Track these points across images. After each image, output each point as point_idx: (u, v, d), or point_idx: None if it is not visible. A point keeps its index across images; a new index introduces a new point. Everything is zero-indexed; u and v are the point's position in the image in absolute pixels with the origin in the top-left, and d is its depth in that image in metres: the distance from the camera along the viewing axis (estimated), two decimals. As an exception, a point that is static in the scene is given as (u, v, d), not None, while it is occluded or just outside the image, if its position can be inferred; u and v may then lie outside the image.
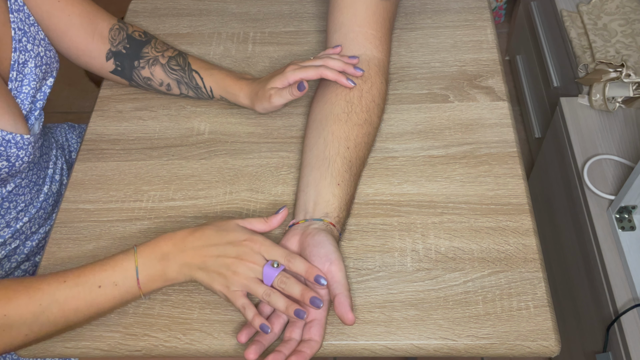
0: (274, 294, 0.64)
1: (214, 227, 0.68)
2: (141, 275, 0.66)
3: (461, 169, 0.79)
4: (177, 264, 0.66)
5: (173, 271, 0.67)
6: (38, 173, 0.86)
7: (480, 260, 0.71)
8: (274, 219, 0.71)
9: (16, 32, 0.76)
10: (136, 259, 0.66)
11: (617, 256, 0.97)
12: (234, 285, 0.65)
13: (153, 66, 0.86)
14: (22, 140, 0.74)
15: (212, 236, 0.67)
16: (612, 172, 1.06)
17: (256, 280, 0.65)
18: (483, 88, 0.87)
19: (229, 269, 0.65)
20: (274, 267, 0.65)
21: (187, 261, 0.66)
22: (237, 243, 0.66)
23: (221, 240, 0.67)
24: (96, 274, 0.65)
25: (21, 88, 0.77)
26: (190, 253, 0.66)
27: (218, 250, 0.66)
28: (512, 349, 0.65)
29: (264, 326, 0.64)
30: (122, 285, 0.66)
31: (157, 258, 0.67)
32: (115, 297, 0.66)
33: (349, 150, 0.75)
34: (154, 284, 0.67)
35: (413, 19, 0.97)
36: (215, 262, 0.66)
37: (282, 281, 0.65)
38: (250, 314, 0.65)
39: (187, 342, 0.68)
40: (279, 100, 0.79)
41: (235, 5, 1.02)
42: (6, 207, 0.81)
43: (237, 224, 0.69)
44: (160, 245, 0.67)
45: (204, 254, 0.66)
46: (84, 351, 0.68)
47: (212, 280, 0.66)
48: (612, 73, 1.11)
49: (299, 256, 0.66)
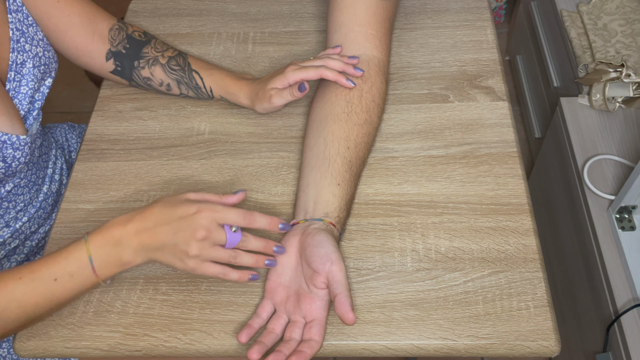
0: (239, 254, 0.66)
1: (162, 204, 0.66)
2: (96, 264, 0.65)
3: (461, 169, 0.79)
4: (131, 247, 0.65)
5: (128, 255, 0.65)
6: (37, 173, 0.86)
7: (480, 260, 0.71)
8: (230, 197, 0.68)
9: (14, 33, 0.76)
10: (88, 248, 0.65)
11: (617, 256, 0.97)
12: (197, 259, 0.65)
13: (153, 66, 0.86)
14: (18, 141, 0.74)
15: (162, 213, 0.65)
16: (612, 172, 1.06)
17: (217, 247, 0.65)
18: (483, 88, 0.87)
19: (188, 245, 0.64)
20: (234, 232, 0.65)
21: (142, 243, 0.65)
22: (188, 217, 0.64)
23: (172, 216, 0.65)
24: (50, 267, 0.64)
25: (19, 88, 0.77)
26: (144, 235, 0.65)
27: (171, 228, 0.64)
28: (512, 349, 0.65)
29: (253, 276, 0.67)
30: (79, 276, 0.65)
31: (110, 244, 0.65)
32: (73, 287, 0.65)
33: (349, 150, 0.75)
34: (111, 270, 0.66)
35: (413, 19, 0.97)
36: (171, 240, 0.64)
37: (243, 241, 0.66)
38: (234, 275, 0.66)
39: (187, 342, 0.68)
40: (280, 101, 0.79)
41: (235, 5, 1.02)
42: (5, 207, 0.81)
43: (187, 198, 0.67)
44: (111, 231, 0.65)
45: (157, 233, 0.65)
46: (84, 351, 0.68)
47: (172, 259, 0.65)
48: (612, 73, 1.11)
49: (255, 212, 0.66)
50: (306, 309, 0.65)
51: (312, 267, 0.65)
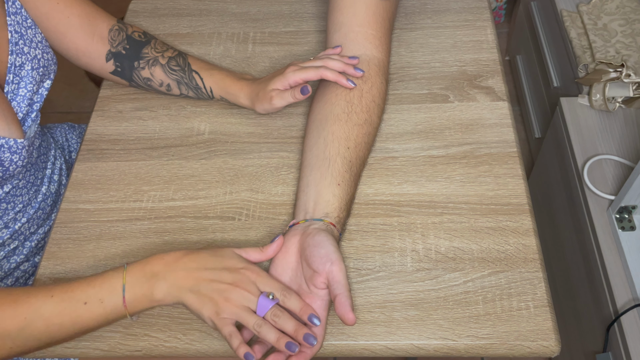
0: (265, 325, 0.63)
1: (209, 252, 0.67)
2: (127, 294, 0.64)
3: (461, 169, 0.79)
4: (166, 284, 0.65)
5: (161, 291, 0.65)
6: (35, 174, 0.86)
7: (480, 260, 0.71)
8: (270, 248, 0.69)
9: (12, 35, 0.76)
10: (124, 276, 0.65)
11: (617, 256, 0.97)
12: (224, 312, 0.64)
13: (153, 67, 0.86)
14: (15, 145, 0.73)
15: (207, 260, 0.66)
16: (612, 172, 1.06)
17: (248, 309, 0.64)
18: (483, 88, 0.87)
19: (222, 295, 0.64)
20: (269, 299, 0.64)
21: (177, 282, 0.65)
22: (233, 270, 0.65)
23: (217, 265, 0.65)
24: (84, 290, 0.64)
25: (18, 91, 0.77)
26: (182, 274, 0.65)
27: (213, 275, 0.65)
28: (512, 349, 0.65)
29: (248, 355, 0.62)
30: (108, 303, 0.64)
31: (146, 277, 0.65)
32: (100, 315, 0.64)
33: (349, 150, 0.75)
34: (140, 304, 0.65)
35: (413, 19, 0.97)
36: (208, 286, 0.64)
37: (276, 314, 0.63)
38: (236, 342, 0.63)
39: (187, 342, 0.68)
40: (280, 102, 0.79)
41: (235, 5, 1.02)
42: (4, 208, 0.81)
43: (233, 251, 0.68)
44: (151, 264, 0.65)
45: (197, 276, 0.65)
46: (84, 351, 0.68)
47: (202, 305, 0.64)
48: (612, 73, 1.11)
49: (294, 292, 0.65)
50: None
51: (312, 268, 0.65)
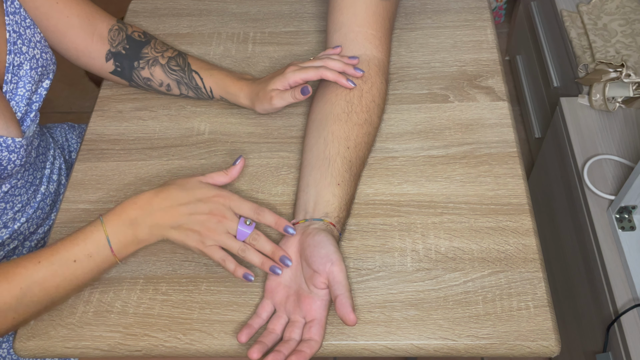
0: (248, 249, 0.68)
1: (178, 186, 0.69)
2: (114, 243, 0.67)
3: (461, 169, 0.79)
4: (147, 226, 0.68)
5: (144, 233, 0.68)
6: (34, 173, 0.86)
7: (480, 260, 0.71)
8: (233, 170, 0.73)
9: (11, 35, 0.76)
10: (105, 228, 0.67)
11: (617, 256, 0.97)
12: (209, 241, 0.68)
13: (153, 67, 0.86)
14: (13, 144, 0.73)
15: (178, 195, 0.68)
16: (612, 172, 1.06)
17: (229, 235, 0.68)
18: (483, 88, 0.87)
19: (203, 226, 0.67)
20: (246, 225, 0.68)
21: (157, 222, 0.68)
22: (206, 199, 0.68)
23: (189, 198, 0.68)
24: (69, 249, 0.66)
25: (16, 90, 0.77)
26: (160, 214, 0.68)
27: (189, 208, 0.68)
28: (512, 349, 0.65)
29: (247, 275, 0.68)
30: (97, 256, 0.67)
31: (125, 224, 0.67)
32: (92, 268, 0.67)
33: (349, 150, 0.75)
34: (128, 249, 0.69)
35: (413, 19, 0.97)
36: (188, 219, 0.67)
37: (254, 238, 0.68)
38: (231, 265, 0.68)
39: (187, 342, 0.68)
40: (280, 102, 0.79)
41: (235, 5, 1.02)
42: (2, 207, 0.81)
43: (199, 180, 0.71)
44: (126, 211, 0.68)
45: (174, 213, 0.68)
46: (84, 351, 0.69)
47: (186, 238, 0.68)
48: (612, 73, 1.11)
49: (267, 209, 0.69)
50: (306, 309, 0.65)
51: (313, 268, 0.65)
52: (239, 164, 0.74)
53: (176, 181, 0.71)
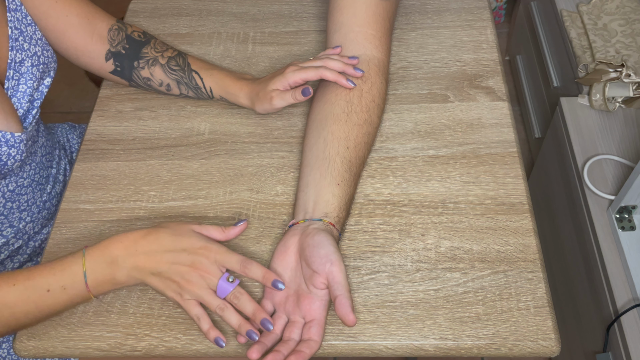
0: (227, 309, 0.65)
1: (168, 232, 0.67)
2: (89, 280, 0.66)
3: (461, 169, 0.79)
4: (126, 268, 0.66)
5: (122, 275, 0.66)
6: (40, 172, 0.86)
7: (480, 260, 0.71)
8: (232, 230, 0.71)
9: (13, 31, 0.76)
10: (84, 263, 0.66)
11: (617, 256, 0.97)
12: (187, 294, 0.65)
13: (153, 66, 0.86)
14: (12, 139, 0.73)
15: (166, 241, 0.66)
16: (612, 172, 1.06)
17: (210, 291, 0.65)
18: (483, 88, 0.87)
19: (183, 278, 0.65)
20: (229, 282, 0.65)
21: (138, 265, 0.66)
22: (192, 251, 0.66)
23: (175, 246, 0.66)
24: (45, 277, 0.65)
25: (18, 87, 0.77)
26: (142, 258, 0.66)
27: (172, 257, 0.65)
28: (512, 349, 0.65)
29: (219, 339, 0.65)
30: (71, 289, 0.66)
31: (106, 262, 0.66)
32: (64, 300, 0.66)
33: (348, 150, 0.75)
34: (103, 288, 0.67)
35: (413, 19, 0.97)
36: (168, 269, 0.65)
37: (236, 296, 0.65)
38: (205, 325, 0.65)
39: (187, 342, 0.68)
40: (281, 103, 0.79)
41: (235, 5, 1.02)
42: (9, 207, 0.81)
43: (192, 229, 0.68)
44: (110, 249, 0.66)
45: (157, 259, 0.65)
46: (84, 351, 0.68)
47: (165, 287, 0.66)
48: (612, 73, 1.11)
49: (255, 262, 0.66)
50: (305, 309, 0.65)
51: (312, 268, 0.65)
52: (240, 226, 0.71)
53: (169, 224, 0.68)
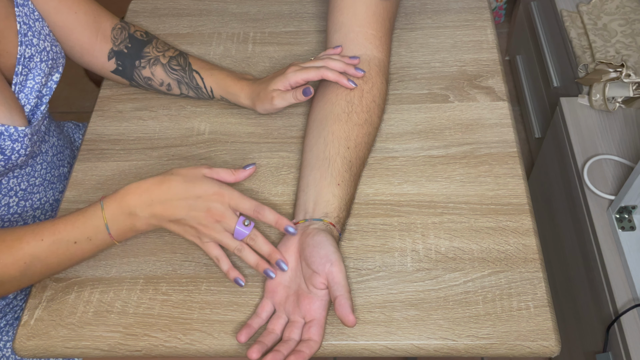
0: (244, 249, 0.68)
1: (180, 179, 0.68)
2: (112, 230, 0.68)
3: (461, 169, 0.79)
4: (145, 217, 0.68)
5: (142, 224, 0.69)
6: (52, 172, 0.86)
7: (480, 260, 0.71)
8: (242, 172, 0.72)
9: (21, 26, 0.76)
10: (104, 215, 0.68)
11: (617, 256, 0.97)
12: (206, 238, 0.68)
13: (154, 66, 0.86)
14: (16, 133, 0.73)
15: (179, 189, 0.68)
16: (612, 172, 1.06)
17: (227, 234, 0.68)
18: (483, 88, 0.87)
19: (200, 223, 0.67)
20: (244, 225, 0.67)
21: (155, 214, 0.68)
22: (206, 197, 0.67)
23: (190, 193, 0.67)
24: (70, 231, 0.68)
25: (26, 82, 0.77)
26: (158, 207, 0.67)
27: (187, 204, 0.67)
28: (512, 349, 0.65)
29: (238, 280, 0.69)
30: (96, 239, 0.69)
31: (124, 213, 0.68)
32: (92, 249, 0.69)
33: (349, 150, 0.75)
34: (127, 235, 0.70)
35: (413, 19, 0.97)
36: (186, 215, 0.67)
37: (252, 238, 0.68)
38: (225, 266, 0.69)
39: (187, 342, 0.68)
40: (282, 103, 0.79)
41: (235, 5, 1.02)
42: (22, 205, 0.81)
43: (204, 174, 0.69)
44: (126, 200, 0.68)
45: (173, 208, 0.67)
46: (84, 351, 0.69)
47: (184, 232, 0.69)
48: (612, 73, 1.11)
49: (267, 207, 0.68)
50: (305, 309, 0.65)
51: (312, 268, 0.65)
52: (249, 169, 0.72)
53: (180, 171, 0.70)
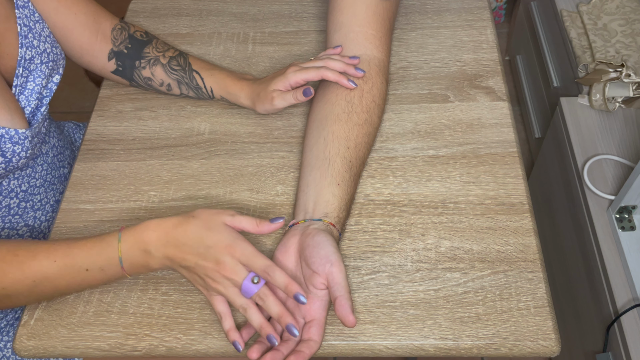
0: (250, 309, 0.64)
1: (198, 224, 0.66)
2: (125, 264, 0.67)
3: (461, 169, 0.79)
4: (159, 257, 0.67)
5: (155, 263, 0.68)
6: (52, 173, 0.86)
7: (480, 260, 0.71)
8: (266, 226, 0.68)
9: (22, 28, 0.76)
10: (120, 248, 0.67)
11: (617, 256, 0.97)
12: (213, 291, 0.66)
13: (154, 66, 0.86)
14: (17, 135, 0.73)
15: (194, 235, 0.66)
16: (612, 172, 1.06)
17: (235, 290, 0.65)
18: (483, 88, 0.87)
19: (207, 276, 0.65)
20: (253, 283, 0.64)
21: (169, 256, 0.67)
22: (217, 248, 0.64)
23: (203, 242, 0.65)
24: (83, 258, 0.67)
25: (26, 84, 0.77)
26: (172, 249, 0.66)
27: (198, 253, 0.65)
28: (512, 349, 0.65)
29: (237, 343, 0.65)
30: (108, 270, 0.68)
31: (140, 249, 0.67)
32: (102, 278, 0.69)
33: (349, 150, 0.75)
34: (138, 271, 0.69)
35: (413, 19, 0.97)
36: (195, 264, 0.65)
37: (261, 298, 0.64)
38: (227, 325, 0.66)
39: (187, 342, 0.68)
40: (282, 103, 0.79)
41: (235, 5, 1.02)
42: (23, 206, 0.81)
43: (224, 222, 0.67)
44: (143, 237, 0.67)
45: (184, 254, 0.66)
46: (84, 351, 0.69)
47: (193, 280, 0.68)
48: (612, 73, 1.11)
49: (279, 269, 0.63)
50: (305, 309, 0.65)
51: (312, 268, 0.65)
52: (276, 224, 0.68)
53: (202, 215, 0.67)
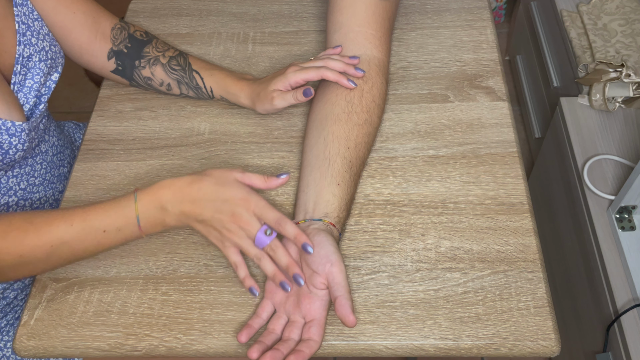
0: (264, 258, 0.68)
1: (212, 180, 0.69)
2: (142, 223, 0.69)
3: (461, 169, 0.79)
4: (175, 214, 0.69)
5: (172, 220, 0.69)
6: (52, 172, 0.87)
7: (480, 260, 0.71)
8: (274, 180, 0.71)
9: (20, 26, 0.76)
10: (137, 207, 0.68)
11: (617, 256, 0.97)
12: (228, 242, 0.69)
13: (154, 66, 0.86)
14: (14, 127, 0.73)
15: (209, 190, 0.68)
16: (612, 172, 1.06)
17: (249, 241, 0.68)
18: (483, 88, 0.87)
19: (224, 227, 0.68)
20: (266, 235, 0.67)
21: (185, 211, 0.68)
22: (232, 202, 0.67)
23: (218, 196, 0.68)
24: (100, 219, 0.68)
25: (24, 82, 0.77)
26: (188, 205, 0.68)
27: (214, 207, 0.68)
28: (512, 349, 0.65)
29: (253, 289, 0.68)
30: (125, 230, 0.69)
31: (156, 207, 0.69)
32: (119, 239, 0.70)
33: (349, 150, 0.75)
34: (154, 229, 0.70)
35: (413, 19, 0.97)
36: (211, 217, 0.68)
37: (272, 248, 0.67)
38: (242, 273, 0.69)
39: (187, 342, 0.68)
40: (282, 103, 0.79)
41: (235, 5, 1.02)
42: (22, 205, 0.82)
43: (235, 178, 0.70)
44: (159, 194, 0.69)
45: (201, 208, 0.68)
46: (84, 351, 0.69)
47: (208, 234, 0.70)
48: (612, 73, 1.11)
49: (290, 221, 0.67)
50: (305, 309, 0.65)
51: (312, 268, 0.65)
52: (282, 179, 0.72)
53: (213, 173, 0.70)
